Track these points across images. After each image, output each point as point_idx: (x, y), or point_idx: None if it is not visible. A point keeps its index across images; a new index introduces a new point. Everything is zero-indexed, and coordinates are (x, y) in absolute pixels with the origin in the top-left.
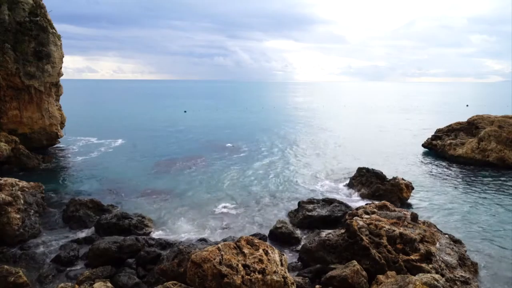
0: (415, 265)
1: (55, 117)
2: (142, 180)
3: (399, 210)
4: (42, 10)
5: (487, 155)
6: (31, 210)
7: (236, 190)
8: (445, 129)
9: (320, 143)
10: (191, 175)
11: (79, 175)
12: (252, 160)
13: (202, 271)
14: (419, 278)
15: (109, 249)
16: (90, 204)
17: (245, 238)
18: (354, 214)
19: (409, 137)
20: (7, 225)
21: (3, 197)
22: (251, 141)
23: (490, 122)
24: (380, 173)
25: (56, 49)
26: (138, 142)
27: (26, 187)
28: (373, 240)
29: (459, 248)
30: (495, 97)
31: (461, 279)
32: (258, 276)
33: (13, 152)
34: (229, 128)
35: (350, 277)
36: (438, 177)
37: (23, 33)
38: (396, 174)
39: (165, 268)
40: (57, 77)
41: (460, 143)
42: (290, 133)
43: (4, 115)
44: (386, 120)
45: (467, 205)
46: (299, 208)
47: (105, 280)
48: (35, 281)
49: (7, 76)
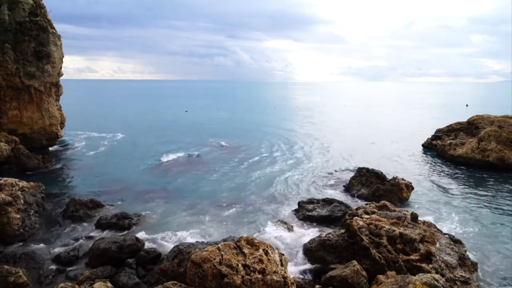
0: (415, 265)
1: (55, 117)
2: (142, 180)
3: (399, 210)
4: (42, 10)
5: (487, 155)
6: (31, 210)
7: (236, 190)
8: (445, 129)
9: (320, 143)
10: (191, 175)
11: (79, 175)
12: (252, 160)
13: (202, 271)
14: (419, 278)
15: (109, 249)
16: (90, 204)
17: (245, 238)
18: (354, 214)
19: (409, 137)
20: (7, 225)
21: (3, 197)
22: (251, 141)
23: (490, 122)
24: (380, 173)
25: (56, 49)
26: (139, 142)
27: (26, 187)
28: (373, 240)
29: (459, 248)
30: (495, 97)
31: (461, 279)
32: (258, 276)
33: (13, 152)
34: (229, 128)
35: (350, 277)
36: (438, 177)
37: (23, 33)
38: (396, 174)
39: (165, 268)
40: (57, 77)
41: (460, 143)
42: (290, 133)
43: (4, 115)
44: (386, 120)
45: (467, 205)
46: (299, 208)
47: (105, 280)
48: (35, 281)
49: (7, 76)
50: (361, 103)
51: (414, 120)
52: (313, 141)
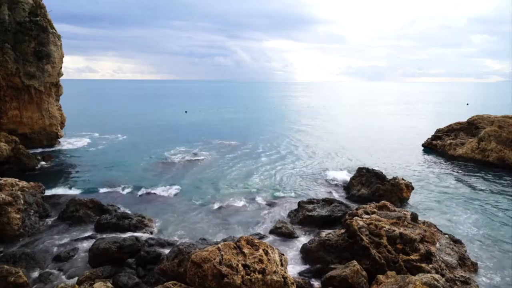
0: (415, 265)
1: (55, 117)
2: (142, 179)
3: (399, 210)
4: (42, 10)
5: (487, 155)
6: (31, 210)
7: (236, 190)
8: (445, 129)
9: (320, 143)
10: (190, 175)
11: (79, 175)
12: (252, 160)
13: (202, 271)
14: (419, 278)
15: (109, 249)
16: (90, 204)
17: (245, 238)
18: (354, 214)
19: (409, 137)
20: (7, 225)
21: (3, 197)
22: (251, 141)
23: (490, 122)
24: (380, 173)
25: (56, 49)
26: (138, 142)
27: (26, 187)
28: (373, 240)
29: (459, 248)
30: (495, 97)
31: (461, 279)
32: (258, 276)
33: (13, 152)
34: (229, 128)
35: (350, 277)
36: (438, 177)
37: (23, 33)
38: (396, 174)
39: (165, 268)
40: (57, 77)
41: (460, 143)
42: (290, 132)
43: (4, 115)
44: (386, 120)
45: (467, 205)
46: (299, 208)
47: (105, 280)
48: (35, 281)
49: (7, 76)
50: (361, 103)
51: (414, 120)
52: (312, 141)
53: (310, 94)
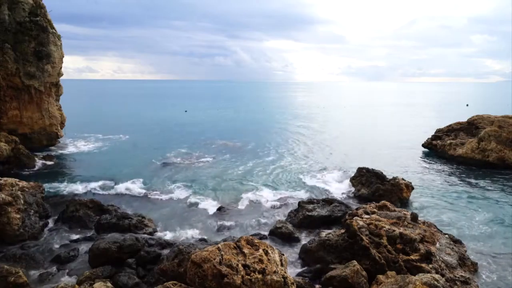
0: (415, 265)
1: (55, 117)
2: (142, 179)
3: (399, 210)
4: (42, 10)
5: (487, 155)
6: (31, 210)
7: (236, 190)
8: (445, 129)
9: (320, 143)
10: (190, 175)
11: (79, 175)
12: (253, 160)
13: (202, 271)
14: (419, 278)
15: (109, 249)
16: (90, 204)
17: (245, 238)
18: (354, 214)
19: (409, 137)
20: (7, 225)
21: (3, 197)
22: (251, 141)
23: (490, 122)
24: (380, 173)
25: (56, 49)
26: (138, 142)
27: (26, 187)
28: (373, 240)
29: (459, 248)
30: (495, 97)
31: (461, 279)
32: (258, 276)
33: (13, 152)
34: (229, 128)
35: (350, 277)
36: (438, 177)
37: (23, 33)
38: (396, 174)
39: (165, 268)
40: (57, 77)
41: (460, 143)
42: (290, 132)
43: (4, 115)
44: (386, 120)
45: (467, 205)
46: (299, 208)
47: (105, 280)
48: (35, 281)
49: (7, 76)
50: (361, 103)
51: (414, 120)
52: (312, 141)
53: (310, 94)
